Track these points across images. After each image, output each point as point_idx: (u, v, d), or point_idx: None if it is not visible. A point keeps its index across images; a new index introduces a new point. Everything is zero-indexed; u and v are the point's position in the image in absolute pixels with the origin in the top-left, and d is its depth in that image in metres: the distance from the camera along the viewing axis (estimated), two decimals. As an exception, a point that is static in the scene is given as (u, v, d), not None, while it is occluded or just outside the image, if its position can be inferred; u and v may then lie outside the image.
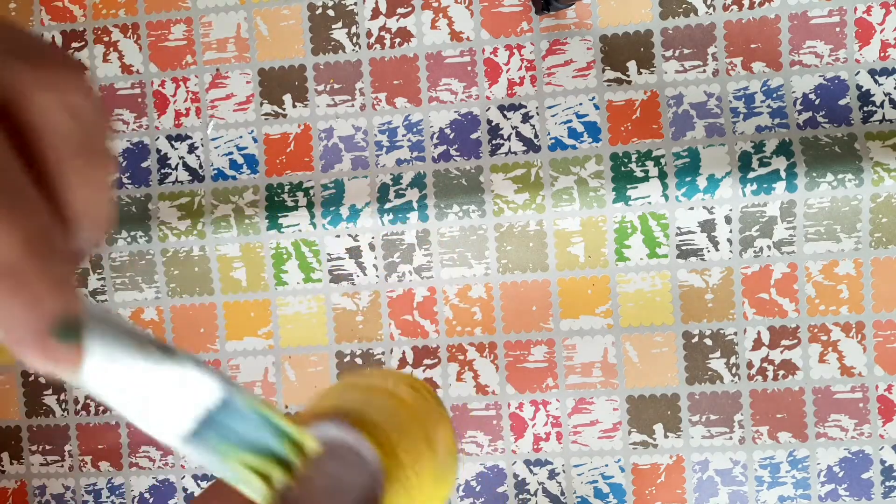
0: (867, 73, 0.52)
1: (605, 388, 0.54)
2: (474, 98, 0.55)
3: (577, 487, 0.55)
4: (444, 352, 0.56)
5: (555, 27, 0.55)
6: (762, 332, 0.53)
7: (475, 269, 0.54)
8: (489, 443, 0.55)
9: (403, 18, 0.56)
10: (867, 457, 0.53)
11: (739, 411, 0.53)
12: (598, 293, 0.54)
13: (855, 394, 0.53)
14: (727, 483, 0.53)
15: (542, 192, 0.52)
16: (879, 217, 0.51)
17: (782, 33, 0.53)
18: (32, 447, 0.60)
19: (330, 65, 0.57)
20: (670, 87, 0.54)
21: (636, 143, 0.53)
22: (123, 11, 0.59)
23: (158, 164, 0.58)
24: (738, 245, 0.53)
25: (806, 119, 0.52)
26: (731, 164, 0.51)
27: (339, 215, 0.54)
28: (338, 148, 0.57)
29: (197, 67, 0.58)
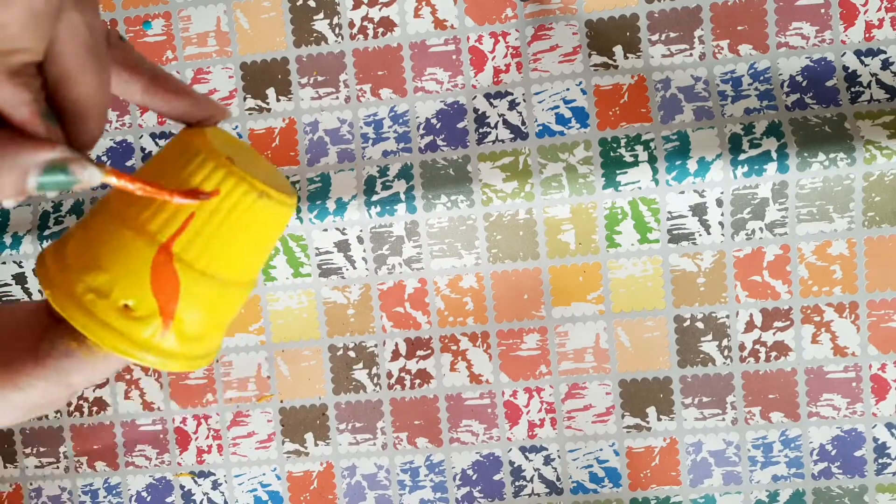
0: (853, 53, 0.49)
1: (597, 373, 0.51)
2: (460, 87, 0.51)
3: (572, 472, 0.52)
4: (436, 342, 0.52)
5: (539, 13, 0.51)
6: (754, 315, 0.50)
7: (465, 260, 0.51)
8: (484, 431, 0.52)
9: (386, 7, 0.52)
10: (860, 435, 0.50)
11: (732, 393, 0.50)
12: (589, 280, 0.51)
13: (848, 373, 0.50)
14: (721, 464, 0.51)
15: (531, 179, 0.49)
16: (872, 196, 0.47)
17: (768, 15, 0.49)
18: (27, 450, 0.56)
19: (313, 57, 0.52)
20: (657, 72, 0.50)
21: (625, 128, 0.50)
22: (101, 7, 0.54)
23: (143, 162, 0.54)
24: (729, 228, 0.49)
25: (794, 101, 0.49)
26: (722, 147, 0.47)
27: (325, 209, 0.50)
28: (323, 141, 0.53)
29: (178, 63, 0.53)
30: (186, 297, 0.25)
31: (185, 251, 0.24)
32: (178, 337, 0.25)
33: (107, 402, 0.55)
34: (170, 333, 0.25)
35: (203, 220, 0.24)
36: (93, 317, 0.24)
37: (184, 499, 0.55)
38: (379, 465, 0.53)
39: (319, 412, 0.53)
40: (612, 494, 0.52)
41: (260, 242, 0.26)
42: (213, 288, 0.25)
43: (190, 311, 0.25)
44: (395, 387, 0.53)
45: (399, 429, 0.53)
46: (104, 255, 0.24)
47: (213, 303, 0.25)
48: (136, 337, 0.25)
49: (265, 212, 0.25)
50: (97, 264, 0.24)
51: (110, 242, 0.24)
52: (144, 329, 0.25)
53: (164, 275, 0.24)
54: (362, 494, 0.53)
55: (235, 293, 0.26)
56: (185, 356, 0.26)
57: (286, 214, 0.26)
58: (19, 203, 0.52)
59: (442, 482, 0.53)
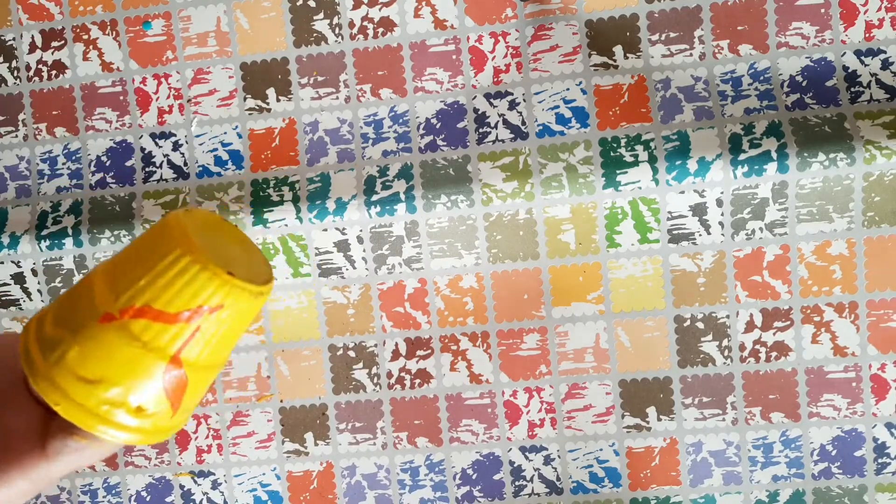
0: (853, 53, 0.48)
1: (597, 373, 0.51)
2: (460, 87, 0.51)
3: (572, 472, 0.51)
4: (436, 342, 0.52)
5: (539, 13, 0.51)
6: (754, 315, 0.50)
7: (465, 260, 0.51)
8: (484, 431, 0.52)
9: (386, 7, 0.51)
10: (860, 435, 0.49)
11: (732, 393, 0.50)
12: (589, 280, 0.50)
13: (848, 373, 0.49)
14: (721, 464, 0.50)
15: (531, 179, 0.48)
16: (872, 196, 0.47)
17: (768, 15, 0.49)
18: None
19: (313, 57, 0.52)
20: (657, 72, 0.50)
21: (625, 128, 0.49)
22: (101, 7, 0.54)
23: (143, 162, 0.54)
24: (729, 228, 0.49)
25: (794, 101, 0.48)
26: (722, 147, 0.47)
27: (325, 209, 0.50)
28: (323, 141, 0.52)
29: (178, 63, 0.53)
30: (192, 388, 0.27)
31: (191, 355, 0.26)
32: (178, 416, 0.28)
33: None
34: (175, 417, 0.28)
35: (208, 329, 0.26)
36: (109, 422, 0.26)
37: (183, 498, 0.54)
38: (379, 465, 0.53)
39: (319, 412, 0.53)
40: (612, 494, 0.51)
41: (245, 326, 0.28)
42: (210, 373, 0.28)
43: (192, 398, 0.28)
44: (395, 387, 0.53)
45: (399, 428, 0.53)
46: (115, 371, 0.26)
47: (207, 383, 0.28)
48: (151, 428, 0.27)
49: (256, 304, 0.27)
50: (108, 379, 0.26)
51: (119, 358, 0.26)
52: (159, 421, 0.27)
53: (175, 379, 0.26)
54: (362, 494, 0.53)
55: (214, 375, 0.29)
56: (178, 428, 0.29)
57: (262, 304, 0.28)
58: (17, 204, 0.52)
59: (442, 481, 0.52)
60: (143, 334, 0.26)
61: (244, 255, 0.28)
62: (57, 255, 0.52)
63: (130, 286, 0.26)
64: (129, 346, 0.26)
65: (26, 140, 0.54)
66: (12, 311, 0.54)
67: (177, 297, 0.26)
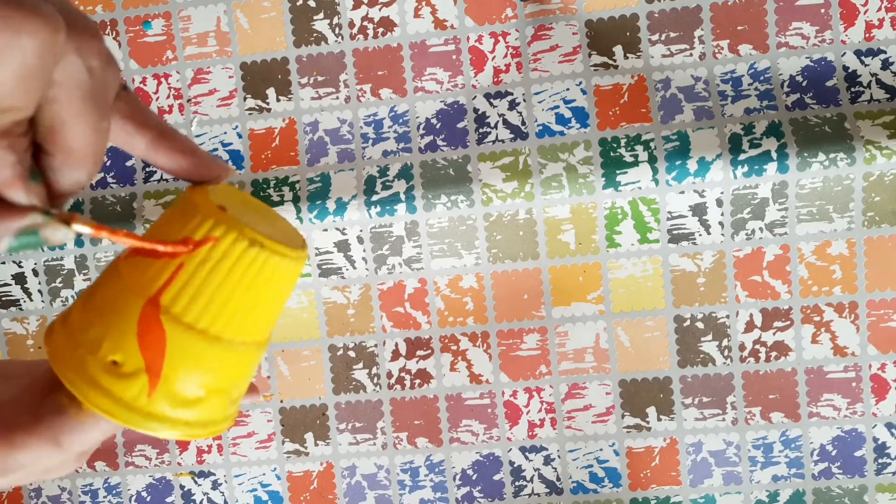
0: (853, 53, 0.48)
1: (597, 373, 0.51)
2: (460, 87, 0.51)
3: (572, 472, 0.51)
4: (436, 342, 0.52)
5: (539, 13, 0.50)
6: (754, 315, 0.50)
7: (465, 260, 0.51)
8: (484, 431, 0.52)
9: (386, 7, 0.51)
10: (860, 435, 0.49)
11: (732, 393, 0.50)
12: (589, 280, 0.50)
13: (848, 373, 0.49)
14: (721, 464, 0.50)
15: (531, 179, 0.48)
16: (872, 196, 0.47)
17: (768, 15, 0.49)
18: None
19: (313, 57, 0.52)
20: (657, 72, 0.50)
21: (625, 128, 0.49)
22: (101, 7, 0.54)
23: (143, 162, 0.54)
24: (729, 228, 0.49)
25: (794, 101, 0.48)
26: (722, 147, 0.47)
27: (325, 209, 0.50)
28: (323, 141, 0.52)
29: (178, 63, 0.53)
30: (175, 353, 0.23)
31: (173, 304, 0.22)
32: (168, 399, 0.23)
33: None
34: (158, 395, 0.23)
35: (191, 271, 0.22)
36: (81, 373, 0.23)
37: (184, 499, 0.54)
38: (379, 465, 0.53)
39: (319, 412, 0.53)
40: (612, 494, 0.51)
41: (260, 299, 0.23)
42: (206, 345, 0.23)
43: (181, 369, 0.23)
44: (395, 387, 0.52)
45: (399, 429, 0.53)
46: (97, 310, 0.23)
47: (210, 363, 0.23)
48: (122, 395, 0.23)
49: (263, 264, 0.23)
50: (91, 319, 0.23)
51: (104, 298, 0.23)
52: (130, 387, 0.23)
53: (150, 328, 0.22)
54: (362, 494, 0.53)
55: (236, 354, 0.24)
56: (178, 422, 0.23)
57: (290, 269, 0.24)
58: None
59: (442, 482, 0.52)
60: (125, 270, 0.23)
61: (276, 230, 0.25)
62: (58, 255, 0.52)
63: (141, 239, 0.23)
64: (112, 283, 0.23)
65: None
66: (13, 311, 0.54)
67: (164, 228, 0.23)
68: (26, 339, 0.55)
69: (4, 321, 0.55)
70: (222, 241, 0.23)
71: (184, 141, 0.24)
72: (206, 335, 0.23)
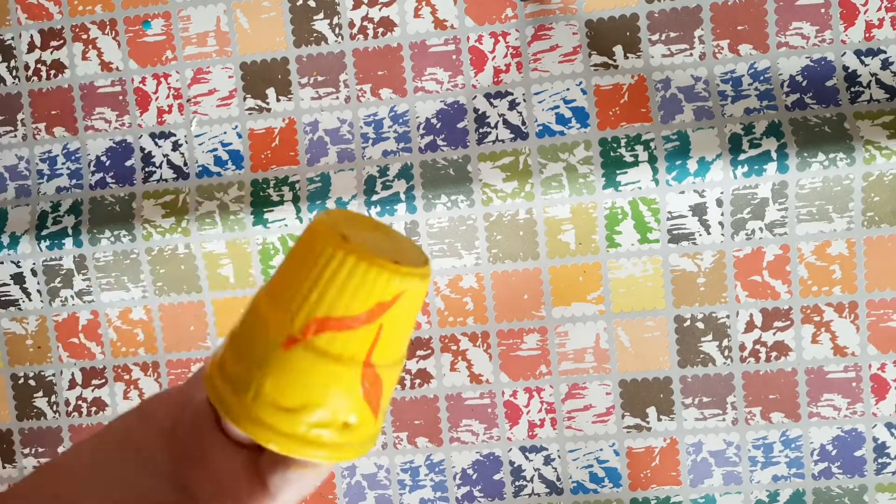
0: (853, 53, 0.48)
1: (597, 373, 0.51)
2: (460, 87, 0.51)
3: (572, 472, 0.51)
4: (437, 342, 0.52)
5: (539, 13, 0.50)
6: (754, 315, 0.49)
7: (465, 260, 0.50)
8: (484, 431, 0.51)
9: (386, 7, 0.51)
10: (860, 435, 0.49)
11: (732, 393, 0.50)
12: (589, 280, 0.50)
13: (848, 373, 0.49)
14: (721, 464, 0.50)
15: (531, 179, 0.48)
16: (872, 196, 0.47)
17: (768, 15, 0.49)
18: (25, 450, 0.55)
19: (313, 57, 0.52)
20: (657, 72, 0.49)
21: (625, 128, 0.49)
22: (100, 7, 0.53)
23: (143, 162, 0.53)
24: (729, 228, 0.49)
25: (794, 101, 0.48)
26: (722, 147, 0.47)
27: (325, 209, 0.50)
28: (323, 141, 0.52)
29: (178, 63, 0.53)
30: (386, 388, 0.26)
31: (380, 355, 0.25)
32: (379, 420, 0.27)
33: (105, 402, 0.54)
34: (377, 422, 0.27)
35: (389, 324, 0.25)
36: (322, 446, 0.25)
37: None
38: (379, 465, 0.52)
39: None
40: (612, 494, 0.51)
41: (416, 313, 0.27)
42: (398, 368, 0.27)
43: (387, 398, 0.27)
44: (396, 387, 0.52)
45: (399, 428, 0.52)
46: (314, 393, 0.25)
47: (396, 379, 0.27)
48: (359, 440, 0.26)
49: (424, 287, 0.26)
50: (310, 403, 0.25)
51: (315, 379, 0.25)
52: (364, 430, 0.26)
53: (371, 384, 0.25)
54: (362, 494, 0.53)
55: (403, 363, 0.28)
56: (378, 432, 0.28)
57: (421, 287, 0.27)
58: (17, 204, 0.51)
59: (442, 481, 0.52)
60: (330, 347, 0.25)
61: (392, 243, 0.27)
62: (57, 255, 0.52)
63: (303, 303, 0.25)
64: (321, 364, 0.25)
65: (25, 140, 0.54)
66: (11, 311, 0.54)
67: (353, 299, 0.24)
68: (25, 339, 0.54)
69: (4, 321, 0.54)
70: (405, 294, 0.25)
71: None
72: (399, 363, 0.27)
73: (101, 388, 0.54)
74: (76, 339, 0.54)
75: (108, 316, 0.54)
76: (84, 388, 0.54)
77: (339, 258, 0.24)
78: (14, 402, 0.55)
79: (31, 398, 0.55)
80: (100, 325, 0.54)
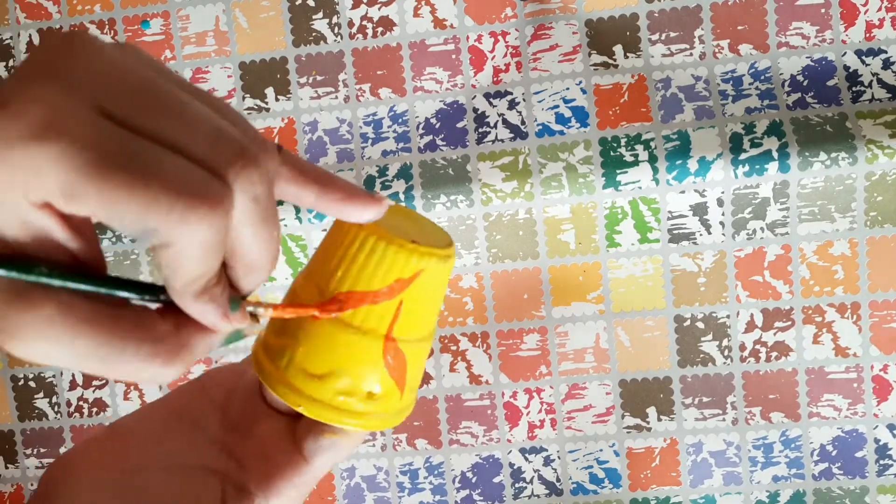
0: (854, 53, 0.48)
1: (597, 373, 0.50)
2: (459, 86, 0.51)
3: (572, 473, 0.51)
4: (436, 343, 0.51)
5: (539, 12, 0.50)
6: (755, 315, 0.49)
7: (465, 259, 0.50)
8: (484, 433, 0.51)
9: (385, 7, 0.51)
10: (861, 435, 0.49)
11: (732, 393, 0.49)
12: (589, 279, 0.50)
13: (849, 374, 0.49)
14: (721, 464, 0.50)
15: (531, 179, 0.48)
16: (874, 195, 0.46)
17: (768, 15, 0.48)
18: (27, 450, 0.55)
19: (312, 56, 0.52)
20: (657, 71, 0.49)
21: (625, 127, 0.49)
22: (99, 7, 0.53)
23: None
24: (730, 228, 0.48)
25: (795, 100, 0.48)
26: (723, 146, 0.47)
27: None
28: (322, 141, 0.52)
29: (177, 62, 0.53)
30: (411, 364, 0.28)
31: (401, 330, 0.27)
32: (407, 395, 0.29)
33: (106, 402, 0.54)
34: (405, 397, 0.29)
35: (409, 300, 0.27)
36: (349, 413, 0.27)
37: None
38: (378, 467, 0.52)
39: (319, 413, 0.53)
40: (612, 495, 0.51)
41: (440, 293, 0.29)
42: (423, 345, 0.29)
43: (414, 374, 0.29)
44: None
45: (398, 430, 0.52)
46: (339, 361, 0.27)
47: (423, 356, 0.29)
48: (387, 412, 0.28)
49: (445, 268, 0.28)
50: (336, 371, 0.27)
51: (339, 348, 0.27)
52: (390, 403, 0.28)
53: (394, 358, 0.27)
54: (361, 497, 0.52)
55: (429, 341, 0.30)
56: (408, 407, 0.30)
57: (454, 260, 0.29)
58: None
59: (441, 484, 0.52)
60: (353, 319, 0.27)
61: (418, 228, 0.29)
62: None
63: (330, 279, 0.27)
64: (345, 334, 0.27)
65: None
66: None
67: (373, 276, 0.27)
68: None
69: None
70: (425, 273, 0.27)
71: (344, 188, 0.26)
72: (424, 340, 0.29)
73: (102, 388, 0.54)
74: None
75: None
76: (85, 388, 0.54)
77: (361, 238, 0.27)
78: (15, 404, 0.55)
79: (32, 399, 0.55)
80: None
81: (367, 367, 0.27)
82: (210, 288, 0.22)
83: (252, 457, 0.29)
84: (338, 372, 0.27)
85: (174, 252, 0.20)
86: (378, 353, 0.27)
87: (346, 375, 0.27)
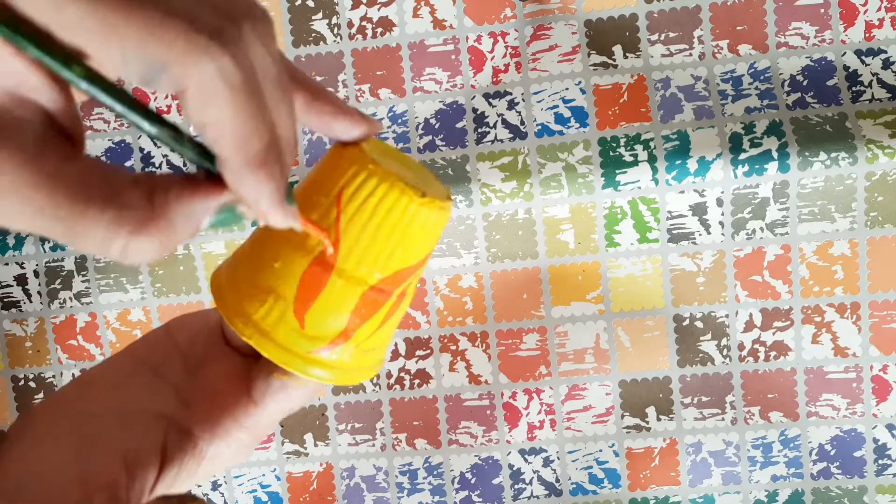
0: (853, 53, 0.46)
1: (597, 373, 0.49)
2: (459, 87, 0.49)
3: (571, 474, 0.49)
4: (435, 342, 0.50)
5: (539, 12, 0.49)
6: (754, 314, 0.48)
7: (465, 259, 0.49)
8: (483, 433, 0.50)
9: (385, 7, 0.49)
10: (860, 435, 0.47)
11: (731, 392, 0.48)
12: (588, 279, 0.49)
13: (848, 374, 0.47)
14: (720, 464, 0.48)
15: (530, 179, 0.47)
16: (875, 195, 0.45)
17: (768, 15, 0.47)
18: (27, 450, 0.54)
19: (311, 57, 0.50)
20: (657, 71, 0.48)
21: (624, 127, 0.47)
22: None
23: (142, 163, 0.52)
24: (730, 227, 0.47)
25: (795, 100, 0.47)
26: (722, 146, 0.45)
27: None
28: (322, 141, 0.50)
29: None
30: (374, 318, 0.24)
31: (339, 256, 0.24)
32: (366, 353, 0.25)
33: (106, 402, 0.53)
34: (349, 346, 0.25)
35: (350, 223, 0.23)
36: (294, 354, 0.24)
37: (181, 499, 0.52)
38: (378, 467, 0.51)
39: (319, 412, 0.51)
40: (612, 495, 0.49)
41: (409, 247, 0.24)
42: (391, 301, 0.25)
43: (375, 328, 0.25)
44: (395, 387, 0.51)
45: (398, 429, 0.51)
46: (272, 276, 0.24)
47: (390, 312, 0.25)
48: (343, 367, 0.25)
49: (415, 214, 0.24)
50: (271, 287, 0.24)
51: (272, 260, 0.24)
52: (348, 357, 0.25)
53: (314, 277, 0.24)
54: (360, 497, 0.51)
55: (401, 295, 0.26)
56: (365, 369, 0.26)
57: (437, 219, 0.25)
58: None
59: (440, 485, 0.50)
60: (290, 231, 0.23)
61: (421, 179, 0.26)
62: (59, 256, 0.50)
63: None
64: (278, 246, 0.24)
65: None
66: (13, 312, 0.52)
67: (321, 185, 0.23)
68: (25, 341, 0.53)
69: (6, 322, 0.53)
70: (387, 197, 0.23)
71: (335, 102, 0.23)
72: (354, 280, 0.24)
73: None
74: (74, 342, 0.53)
75: (105, 317, 0.52)
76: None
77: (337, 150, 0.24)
78: (15, 404, 0.54)
79: (32, 399, 0.54)
80: (98, 326, 0.52)
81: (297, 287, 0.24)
82: (268, 161, 0.20)
83: (201, 398, 0.26)
84: (271, 288, 0.24)
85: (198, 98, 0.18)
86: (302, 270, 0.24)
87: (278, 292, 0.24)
